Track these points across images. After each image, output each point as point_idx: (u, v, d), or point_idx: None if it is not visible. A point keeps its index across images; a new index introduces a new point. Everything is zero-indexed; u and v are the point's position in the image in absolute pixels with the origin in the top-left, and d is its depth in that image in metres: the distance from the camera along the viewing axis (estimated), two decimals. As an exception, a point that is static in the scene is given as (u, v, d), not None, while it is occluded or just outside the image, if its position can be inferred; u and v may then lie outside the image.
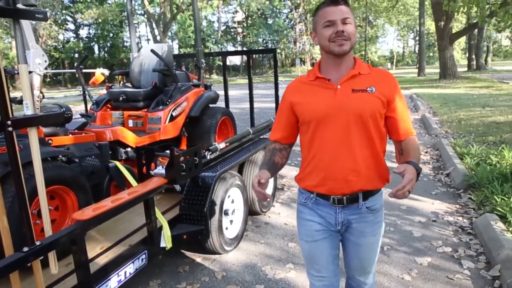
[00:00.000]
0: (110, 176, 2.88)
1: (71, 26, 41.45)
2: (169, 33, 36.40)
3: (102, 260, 2.28)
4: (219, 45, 43.03)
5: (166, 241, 2.61)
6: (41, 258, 1.75)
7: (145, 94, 3.75)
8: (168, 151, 2.54)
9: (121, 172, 2.90)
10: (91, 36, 42.35)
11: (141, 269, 2.44)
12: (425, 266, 2.95)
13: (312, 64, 46.90)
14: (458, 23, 32.44)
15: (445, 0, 10.18)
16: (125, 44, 42.47)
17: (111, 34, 40.84)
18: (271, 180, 4.25)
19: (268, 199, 1.58)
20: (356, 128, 1.53)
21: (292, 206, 4.28)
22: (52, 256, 1.86)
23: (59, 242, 1.79)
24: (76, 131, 2.92)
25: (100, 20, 37.71)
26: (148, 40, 43.79)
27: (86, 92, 4.23)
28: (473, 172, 4.65)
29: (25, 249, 1.65)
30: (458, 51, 50.49)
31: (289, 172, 5.53)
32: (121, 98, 3.74)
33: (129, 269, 2.33)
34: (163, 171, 2.53)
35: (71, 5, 38.63)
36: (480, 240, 3.28)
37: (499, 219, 3.39)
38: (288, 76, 31.98)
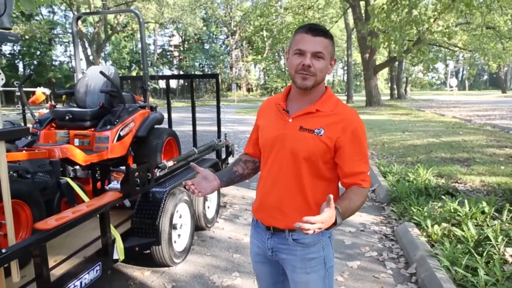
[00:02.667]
0: (61, 192, 2.94)
1: (-7, 42, 38.76)
2: (103, 54, 35.49)
3: (59, 271, 2.35)
4: (155, 68, 42.71)
5: (119, 253, 2.73)
6: (4, 266, 1.83)
7: (92, 114, 3.83)
8: (123, 167, 2.69)
9: (72, 189, 2.97)
10: (15, 53, 39.95)
11: (95, 280, 2.53)
12: (355, 268, 3.34)
13: (248, 90, 48.19)
14: (381, 55, 35.49)
15: (368, 36, 11.32)
16: (53, 63, 40.55)
17: (38, 52, 38.85)
18: (214, 197, 4.47)
19: (192, 187, 1.51)
20: (289, 168, 1.50)
21: (234, 221, 4.52)
22: (14, 264, 1.93)
23: (23, 251, 1.88)
24: (25, 148, 2.95)
25: (27, 37, 35.82)
26: (80, 60, 42.18)
27: (29, 111, 4.20)
28: (395, 188, 5.25)
29: (-9, 256, 1.73)
30: (382, 81, 54.85)
31: (231, 191, 5.79)
32: (67, 117, 3.78)
33: (85, 280, 2.42)
34: (118, 186, 2.68)
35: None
36: (400, 245, 3.77)
37: (415, 226, 3.92)
38: (224, 101, 32.55)
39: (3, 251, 1.78)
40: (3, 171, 1.82)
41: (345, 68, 43.26)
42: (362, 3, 22.42)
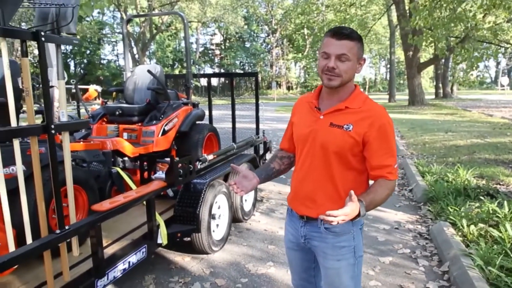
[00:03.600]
0: (112, 180, 3.22)
1: (48, 42, 41.10)
2: (147, 53, 36.77)
3: (110, 250, 2.61)
4: (197, 66, 43.69)
5: (162, 238, 2.97)
6: (67, 240, 2.09)
7: (139, 109, 4.12)
8: (168, 158, 2.92)
9: (121, 178, 3.25)
10: (67, 52, 42.24)
11: (141, 261, 2.79)
12: (387, 264, 3.41)
13: (288, 88, 48.17)
14: (426, 53, 34.36)
15: (410, 34, 11.11)
16: (101, 61, 42.47)
17: (88, 51, 40.84)
18: (251, 191, 4.66)
19: (235, 183, 1.67)
20: (321, 161, 1.62)
21: (270, 215, 4.69)
22: (75, 240, 2.20)
23: (82, 228, 2.14)
24: (81, 139, 3.27)
25: (78, 37, 37.72)
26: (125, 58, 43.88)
27: (83, 107, 4.56)
28: (432, 188, 5.20)
29: (57, 231, 2.00)
30: (427, 80, 53.06)
31: (268, 186, 5.95)
32: (117, 113, 4.10)
33: (132, 259, 2.68)
34: (163, 176, 2.91)
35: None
36: (434, 244, 3.78)
37: (451, 226, 3.91)
38: (264, 99, 32.81)
39: (66, 227, 2.05)
40: (67, 159, 2.08)
41: (388, 66, 42.23)
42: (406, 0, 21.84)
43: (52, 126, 1.92)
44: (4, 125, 1.96)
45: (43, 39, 1.82)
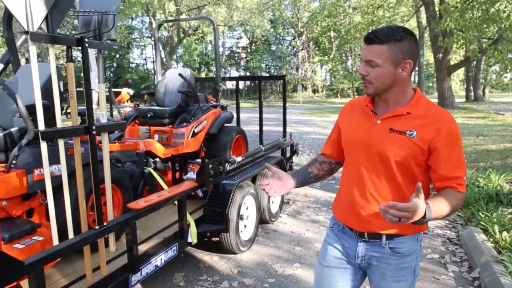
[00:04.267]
0: (145, 180, 3.34)
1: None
2: (174, 56, 37.44)
3: (143, 247, 2.71)
4: (223, 69, 44.12)
5: (192, 237, 3.05)
6: (105, 236, 2.20)
7: (170, 112, 4.24)
8: (199, 159, 3.01)
9: (153, 178, 3.36)
10: (97, 56, 43.35)
11: (172, 258, 2.88)
12: (415, 268, 3.37)
13: (313, 91, 47.91)
14: (457, 55, 33.49)
15: (440, 36, 10.86)
16: (130, 65, 43.49)
17: (117, 55, 41.96)
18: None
19: (267, 184, 1.57)
20: (380, 169, 1.47)
21: (297, 217, 4.72)
22: (112, 236, 2.30)
23: (119, 225, 2.24)
24: (116, 140, 3.40)
25: (118, 42, 38.67)
26: (153, 62, 44.83)
27: (116, 109, 4.73)
28: (463, 193, 5.10)
29: (97, 227, 2.10)
30: (457, 82, 51.65)
31: (294, 189, 5.96)
32: (149, 115, 4.23)
33: (164, 257, 2.77)
34: (194, 176, 3.00)
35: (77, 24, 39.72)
36: (464, 249, 3.72)
37: (482, 232, 3.83)
38: (290, 102, 32.78)
39: (105, 224, 2.15)
40: (106, 158, 2.19)
41: (416, 68, 41.46)
42: (436, 0, 21.39)
43: (93, 128, 2.02)
44: (47, 126, 2.08)
45: (86, 45, 1.93)
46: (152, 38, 37.52)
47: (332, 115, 20.45)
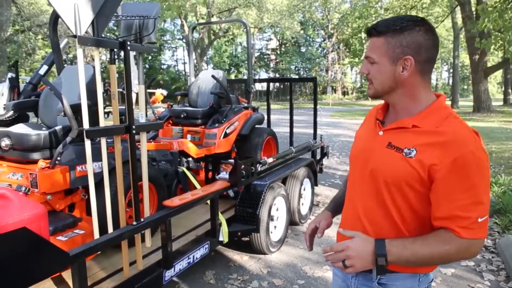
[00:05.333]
0: (178, 179, 3.42)
1: (114, 48, 43.73)
2: (205, 58, 37.94)
3: (177, 244, 2.78)
4: (252, 71, 44.18)
5: (224, 236, 3.11)
6: (141, 232, 2.28)
7: (203, 113, 4.32)
8: (232, 160, 3.06)
9: (186, 177, 3.44)
10: (136, 58, 44.44)
11: (204, 256, 2.94)
12: (449, 275, 3.30)
13: (343, 93, 47.37)
14: (494, 56, 32.30)
15: (477, 37, 10.52)
16: (162, 66, 44.38)
17: (150, 57, 42.94)
18: (309, 195, 4.70)
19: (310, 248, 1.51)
20: (372, 190, 1.22)
21: (326, 220, 4.69)
22: (148, 232, 2.38)
23: (155, 222, 2.32)
24: (151, 140, 3.50)
25: (157, 45, 39.60)
26: (184, 63, 45.62)
27: (151, 109, 4.86)
28: (500, 200, 4.94)
29: (134, 223, 2.18)
30: (494, 85, 49.80)
31: (324, 191, 5.96)
32: (182, 116, 4.33)
33: (196, 254, 2.83)
34: (226, 176, 3.06)
35: (115, 28, 41.10)
36: (501, 258, 3.60)
37: (520, 240, 3.70)
38: (319, 104, 32.44)
39: (142, 220, 2.23)
40: (144, 157, 2.27)
41: (451, 70, 40.22)
42: (473, 0, 20.73)
43: (133, 127, 2.11)
44: (89, 125, 2.18)
45: (128, 48, 2.02)
46: (184, 40, 38.29)
47: (362, 117, 20.09)
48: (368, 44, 1.23)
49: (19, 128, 2.66)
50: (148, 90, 6.07)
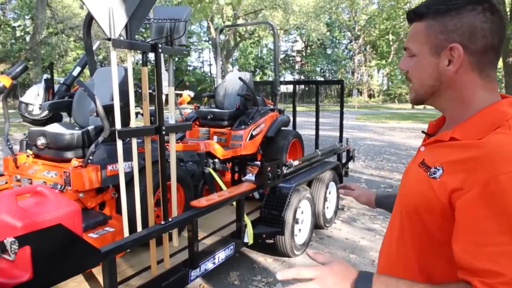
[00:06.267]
0: (204, 180, 3.46)
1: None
2: (231, 59, 38.19)
3: (202, 245, 2.82)
4: (278, 73, 44.11)
5: (249, 238, 3.12)
6: (169, 232, 2.32)
7: (229, 114, 4.35)
8: (258, 162, 3.07)
9: (213, 178, 3.48)
10: (166, 60, 45.16)
11: (229, 257, 2.96)
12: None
13: (369, 95, 46.68)
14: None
15: (511, 39, 10.19)
16: (188, 68, 44.96)
17: (176, 58, 43.53)
18: (334, 199, 4.66)
19: (341, 192, 1.48)
20: (397, 217, 0.99)
21: (352, 224, 4.64)
22: (175, 232, 2.42)
23: (182, 222, 2.35)
24: (179, 141, 3.56)
25: (187, 48, 40.35)
26: (210, 65, 46.09)
27: (178, 110, 4.94)
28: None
29: (162, 222, 2.22)
30: (528, 89, 48.02)
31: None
32: (209, 117, 4.38)
33: (221, 255, 2.86)
34: (252, 178, 3.07)
35: (143, 29, 41.91)
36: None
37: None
38: (344, 106, 32.11)
39: (170, 219, 2.27)
40: (173, 157, 2.31)
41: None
42: (507, 1, 20.04)
43: (163, 128, 2.15)
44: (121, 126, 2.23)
45: (160, 50, 2.06)
46: (210, 42, 38.70)
47: (388, 120, 19.84)
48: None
49: (54, 128, 2.76)
50: (176, 92, 6.17)
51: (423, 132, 1.03)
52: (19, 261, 1.33)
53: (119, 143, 2.03)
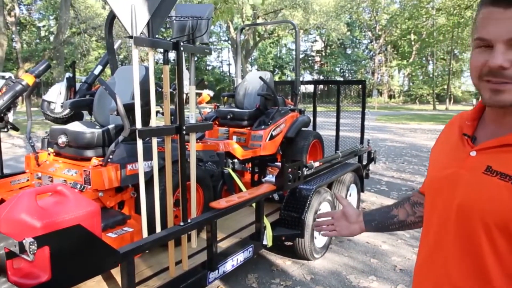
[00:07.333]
0: (223, 180, 3.42)
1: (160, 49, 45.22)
2: (250, 59, 38.21)
3: (221, 246, 2.77)
4: (299, 73, 43.89)
5: (268, 240, 3.06)
6: (188, 233, 2.28)
7: (249, 114, 4.31)
8: (278, 163, 3.02)
9: (232, 178, 3.44)
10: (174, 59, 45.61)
11: (247, 259, 2.91)
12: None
13: (389, 96, 45.95)
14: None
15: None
16: (207, 67, 45.19)
17: (196, 58, 43.73)
18: (354, 201, 4.56)
19: (320, 231, 1.29)
20: (458, 233, 0.87)
21: (373, 228, 4.53)
22: (194, 233, 2.39)
23: (201, 223, 2.32)
24: (198, 140, 3.53)
25: (210, 46, 40.41)
26: (229, 64, 46.23)
27: (198, 110, 4.92)
28: None
29: (181, 223, 2.19)
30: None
31: (369, 197, 5.77)
32: (228, 117, 4.34)
33: (240, 257, 2.81)
34: (272, 179, 3.01)
35: (163, 29, 42.36)
36: None
37: None
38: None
39: (189, 220, 2.23)
40: (193, 157, 2.27)
41: None
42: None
43: (184, 128, 2.11)
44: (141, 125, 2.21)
45: (181, 48, 2.03)
46: (229, 42, 38.82)
47: (409, 122, 19.50)
48: (497, 19, 0.78)
49: (75, 126, 2.76)
50: (196, 91, 6.17)
51: (464, 134, 0.93)
52: (37, 262, 1.31)
53: (139, 143, 2.00)
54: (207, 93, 5.51)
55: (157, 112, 2.66)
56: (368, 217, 1.22)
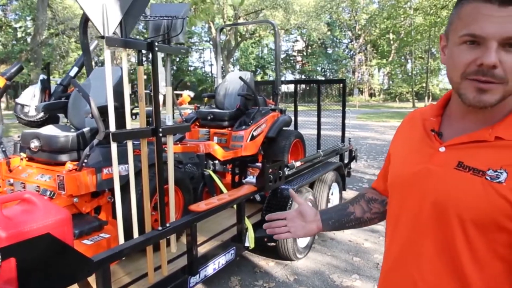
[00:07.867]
0: (204, 182, 3.37)
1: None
2: (232, 59, 38.09)
3: (202, 249, 2.73)
4: (280, 73, 44.03)
5: (250, 242, 3.03)
6: (167, 238, 2.23)
7: (230, 115, 4.26)
8: (259, 163, 2.98)
9: (212, 180, 3.39)
10: (164, 59, 45.14)
11: (229, 262, 2.87)
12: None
13: (370, 95, 46.52)
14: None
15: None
16: (189, 68, 44.87)
17: (177, 59, 43.43)
18: (336, 199, 4.57)
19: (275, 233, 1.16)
20: (433, 231, 0.86)
21: (355, 226, 4.55)
22: (173, 237, 2.33)
23: (180, 227, 2.27)
24: (178, 142, 3.47)
25: (185, 46, 40.07)
26: (211, 65, 46.01)
27: (178, 111, 4.85)
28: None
29: (160, 228, 2.14)
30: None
31: (351, 195, 5.79)
32: (209, 117, 4.29)
33: (222, 260, 2.77)
34: (253, 180, 2.98)
35: (144, 31, 41.86)
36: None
37: None
38: (346, 105, 32.01)
39: (167, 225, 2.18)
40: (171, 160, 2.22)
41: None
42: None
43: (160, 130, 2.06)
44: (116, 127, 2.15)
45: (156, 48, 1.97)
46: (211, 42, 38.65)
47: (390, 120, 19.75)
48: (491, 16, 0.75)
49: (48, 130, 2.67)
50: (176, 92, 6.10)
51: (432, 130, 0.93)
52: (3, 274, 1.25)
53: (113, 146, 1.94)
54: (187, 94, 5.45)
55: (136, 114, 2.59)
56: (326, 216, 1.18)
